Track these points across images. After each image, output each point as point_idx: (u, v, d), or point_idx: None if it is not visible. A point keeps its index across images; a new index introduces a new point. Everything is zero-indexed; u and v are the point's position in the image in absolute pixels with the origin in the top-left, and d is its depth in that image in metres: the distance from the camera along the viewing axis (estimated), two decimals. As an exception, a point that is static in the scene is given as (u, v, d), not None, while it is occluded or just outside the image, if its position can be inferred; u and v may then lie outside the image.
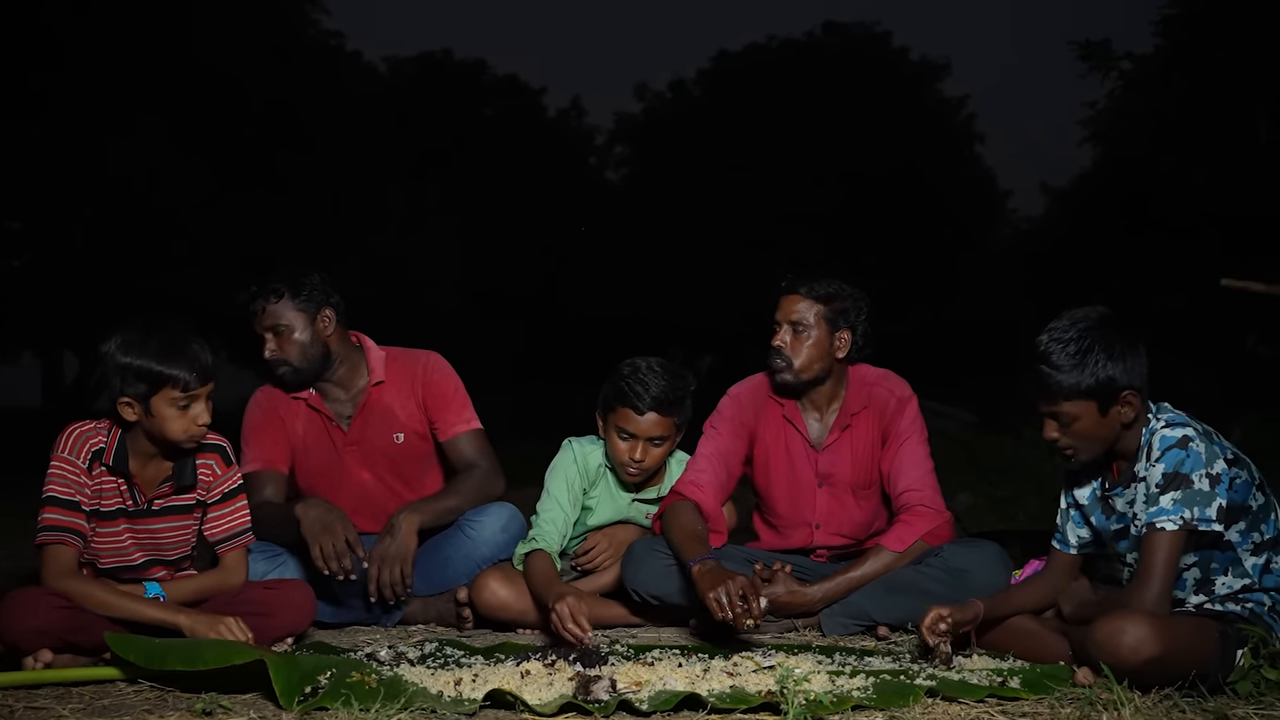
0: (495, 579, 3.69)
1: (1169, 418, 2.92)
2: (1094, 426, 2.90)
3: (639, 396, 3.66)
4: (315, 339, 3.84)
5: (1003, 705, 2.60)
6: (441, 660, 3.10)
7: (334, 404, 3.97)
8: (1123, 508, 3.01)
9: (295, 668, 2.61)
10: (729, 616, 3.10)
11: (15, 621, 2.89)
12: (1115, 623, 2.66)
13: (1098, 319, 2.91)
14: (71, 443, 3.13)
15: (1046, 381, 2.88)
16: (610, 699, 2.55)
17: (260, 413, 3.97)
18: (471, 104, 26.61)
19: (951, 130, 27.68)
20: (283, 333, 3.80)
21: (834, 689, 2.67)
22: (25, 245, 16.98)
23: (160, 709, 2.53)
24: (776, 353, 3.78)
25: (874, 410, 3.89)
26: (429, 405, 3.98)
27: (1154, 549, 2.78)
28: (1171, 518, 2.77)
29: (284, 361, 3.82)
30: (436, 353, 4.10)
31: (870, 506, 3.94)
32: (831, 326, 3.77)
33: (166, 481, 3.22)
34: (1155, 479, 2.83)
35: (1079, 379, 2.85)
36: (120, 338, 3.07)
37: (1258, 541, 2.88)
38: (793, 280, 3.80)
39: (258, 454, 3.89)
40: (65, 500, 3.08)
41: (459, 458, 3.98)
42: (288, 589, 3.32)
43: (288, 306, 3.81)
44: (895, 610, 3.58)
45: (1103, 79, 12.11)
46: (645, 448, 3.72)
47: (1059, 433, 2.93)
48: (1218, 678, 2.66)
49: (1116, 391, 2.86)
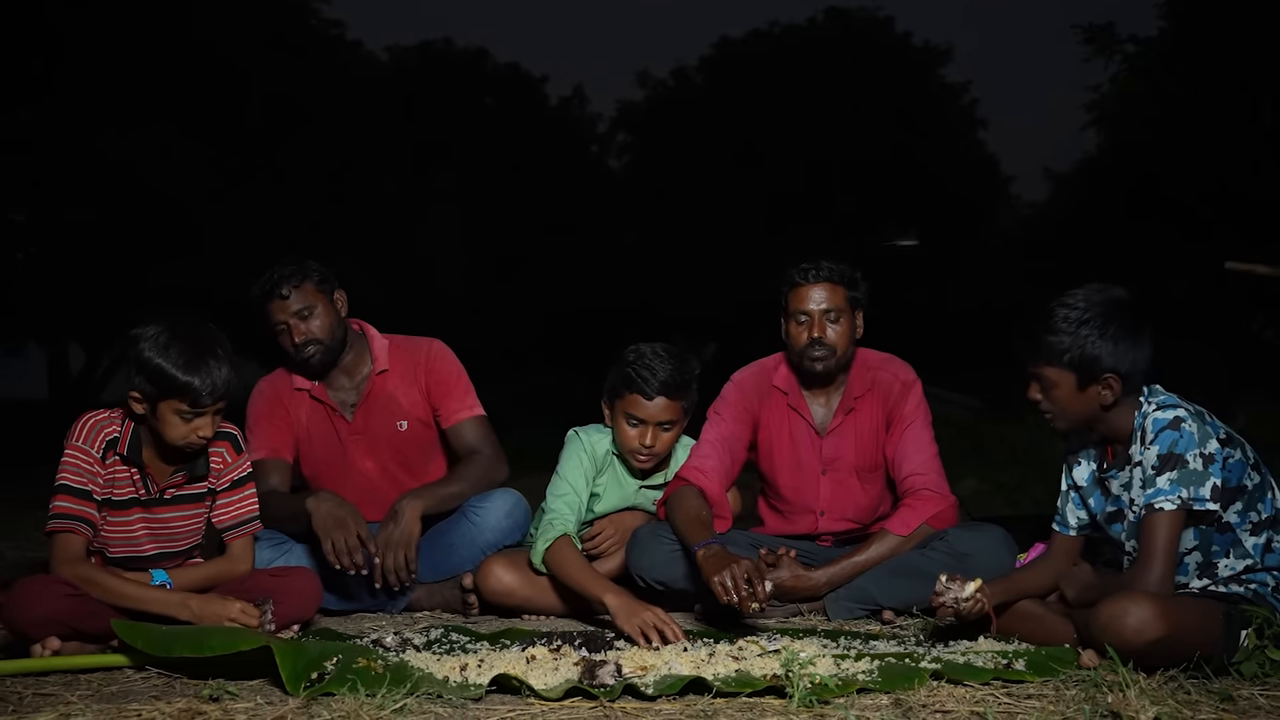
0: (500, 565, 3.70)
1: (1160, 400, 2.93)
2: (1070, 398, 2.93)
3: (646, 381, 3.66)
4: (338, 318, 3.87)
5: (1008, 688, 2.61)
6: (447, 646, 3.10)
7: (337, 393, 3.97)
8: (1117, 490, 3.02)
9: (301, 654, 2.62)
10: (734, 600, 3.11)
11: (23, 609, 2.90)
12: (1119, 604, 2.66)
13: (1107, 299, 2.93)
14: (86, 432, 3.14)
15: (1034, 341, 2.93)
16: (616, 683, 2.55)
17: (264, 402, 3.98)
18: (473, 92, 26.57)
19: (954, 116, 27.60)
20: (309, 315, 3.81)
21: (839, 672, 2.68)
22: (30, 237, 16.98)
23: (168, 695, 2.54)
24: (818, 344, 3.78)
25: (878, 394, 3.90)
26: (432, 392, 3.99)
27: (1154, 530, 2.79)
28: (1169, 497, 2.78)
29: (315, 341, 3.82)
30: (439, 340, 4.10)
31: (875, 490, 3.94)
32: (854, 307, 3.83)
33: (179, 471, 3.24)
34: (1150, 461, 2.84)
35: (1064, 349, 2.89)
36: (151, 331, 3.07)
37: (1256, 521, 2.88)
38: (812, 269, 3.80)
39: (263, 442, 3.89)
40: (77, 489, 3.10)
41: (462, 444, 3.98)
42: (294, 576, 3.33)
43: (310, 289, 3.83)
44: (900, 594, 3.59)
45: (1106, 63, 12.10)
46: (655, 433, 3.72)
47: (1039, 394, 2.97)
48: (1222, 659, 2.66)
49: (1099, 371, 2.89)
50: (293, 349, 3.84)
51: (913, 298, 24.25)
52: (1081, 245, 20.81)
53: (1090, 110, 14.86)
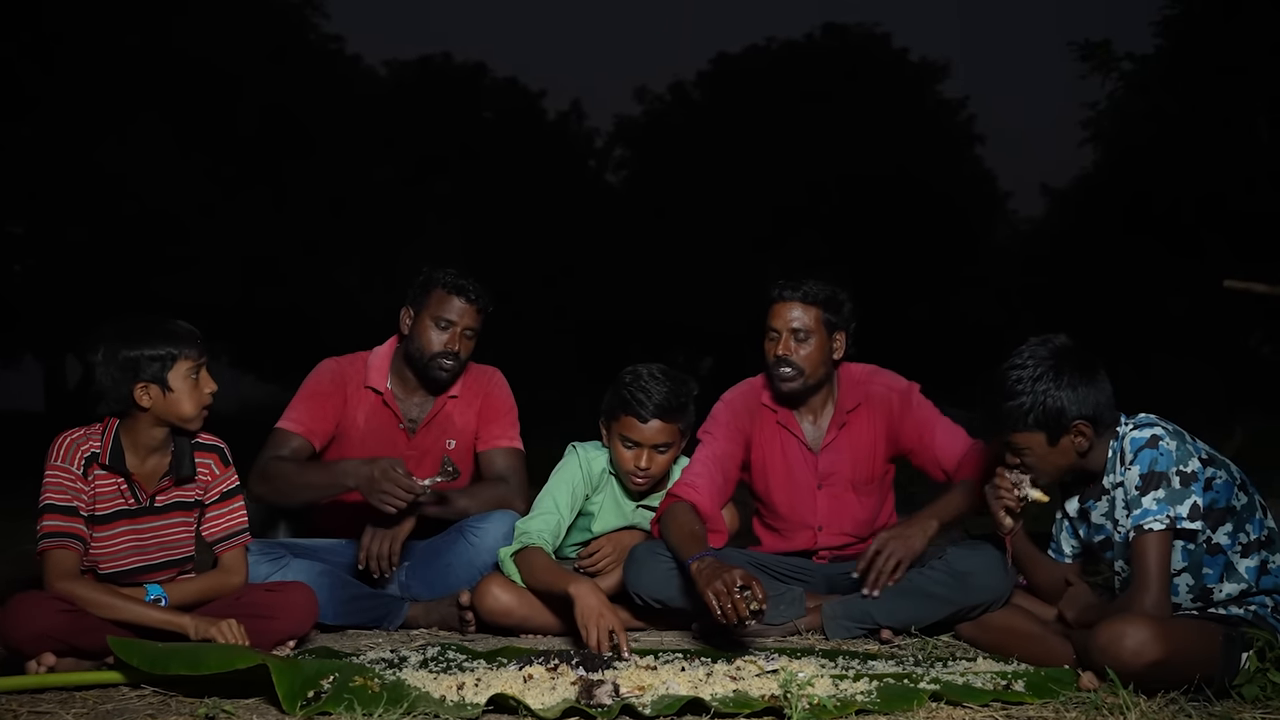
0: (498, 584, 3.68)
1: (1137, 419, 2.94)
2: (1045, 455, 2.96)
3: (642, 404, 3.65)
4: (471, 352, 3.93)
5: (1007, 709, 2.60)
6: (444, 664, 3.09)
7: (405, 405, 3.97)
8: (1098, 519, 3.04)
9: (298, 672, 2.61)
10: (729, 607, 3.08)
11: (18, 625, 2.90)
12: (1117, 626, 2.66)
13: (1053, 350, 2.96)
14: (64, 451, 3.15)
15: (997, 413, 2.97)
16: (613, 703, 2.54)
17: (329, 382, 3.95)
18: (471, 107, 26.60)
19: (952, 131, 27.66)
20: (470, 337, 3.88)
21: (837, 693, 2.67)
22: (27, 250, 16.98)
23: (163, 713, 2.53)
24: (783, 361, 3.78)
25: (874, 408, 3.90)
26: (482, 415, 4.02)
27: (1145, 552, 2.80)
28: (1157, 517, 2.79)
29: (456, 357, 3.86)
30: (499, 370, 4.14)
31: (871, 503, 3.94)
32: (829, 330, 3.79)
33: (165, 476, 3.24)
34: (1133, 481, 2.85)
35: (1027, 409, 2.91)
36: (110, 337, 3.13)
37: (1245, 542, 2.88)
38: (788, 287, 3.79)
39: (304, 418, 3.87)
40: (63, 506, 3.09)
41: (490, 469, 3.99)
42: (289, 591, 3.32)
43: (483, 317, 3.90)
44: (899, 613, 3.57)
45: (1103, 80, 12.13)
46: (650, 455, 3.70)
47: (1018, 460, 3.02)
48: (1223, 681, 2.65)
49: (1066, 422, 2.91)
50: (437, 351, 3.84)
51: (913, 313, 24.27)
52: (1079, 261, 20.86)
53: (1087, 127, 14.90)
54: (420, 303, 3.89)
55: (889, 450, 3.95)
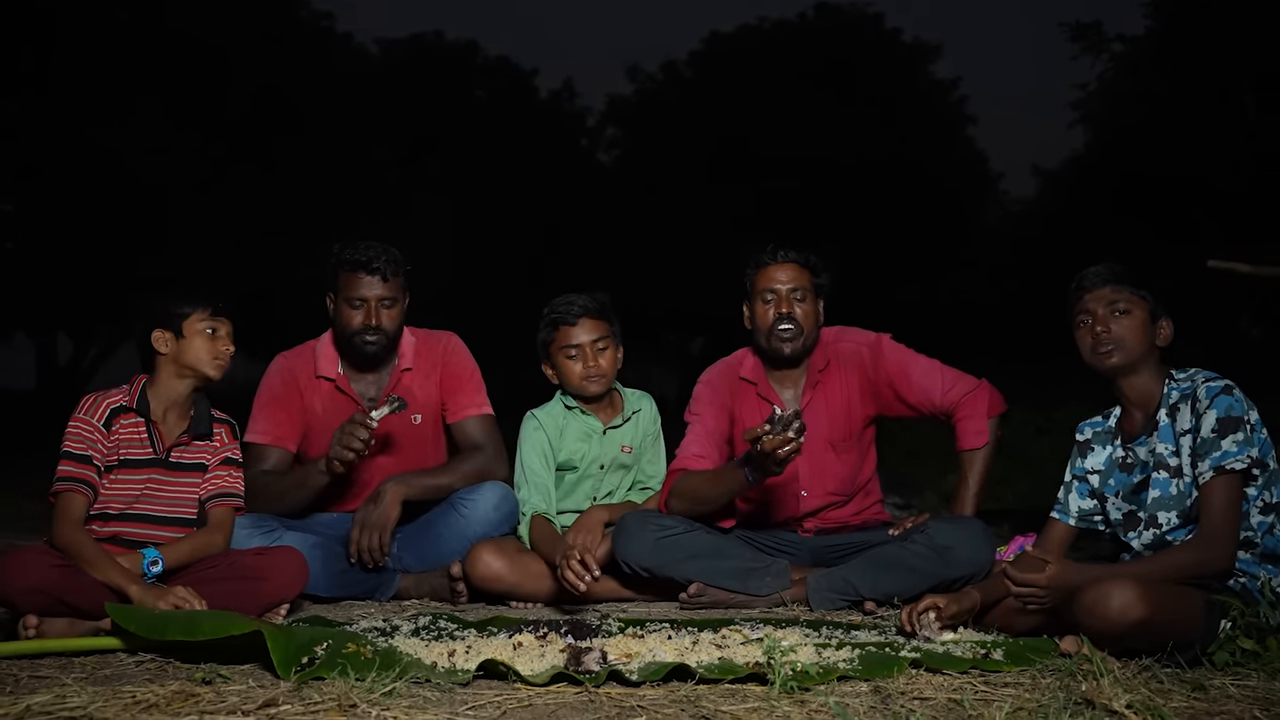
0: (489, 551, 3.75)
1: (1205, 374, 3.03)
2: (1139, 327, 3.05)
3: (568, 311, 3.88)
4: (402, 318, 3.94)
5: (985, 677, 2.65)
6: (435, 633, 3.14)
7: (360, 385, 3.99)
8: (1145, 456, 3.07)
9: (292, 639, 2.66)
10: (788, 435, 3.21)
11: (11, 580, 2.97)
12: (1102, 586, 2.71)
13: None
14: (89, 404, 3.33)
15: (1117, 268, 3.08)
16: (601, 670, 2.59)
17: (280, 383, 3.98)
18: (463, 85, 26.51)
19: (944, 112, 27.64)
20: (389, 306, 3.88)
21: (820, 660, 2.73)
22: (18, 227, 16.93)
23: (161, 678, 2.57)
24: (786, 318, 3.85)
25: (845, 364, 3.97)
26: (444, 386, 4.03)
27: (1219, 493, 2.87)
28: (1239, 458, 2.87)
29: (379, 330, 3.87)
30: (455, 334, 4.15)
31: (851, 459, 4.00)
32: (818, 294, 3.90)
33: (184, 433, 3.39)
34: (1210, 424, 2.92)
35: (1143, 281, 3.07)
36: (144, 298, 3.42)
37: (1268, 501, 2.95)
38: (780, 249, 3.88)
39: (268, 428, 3.91)
40: (79, 455, 3.25)
41: (465, 440, 4.01)
42: (278, 555, 3.36)
43: (399, 284, 3.90)
44: (882, 585, 3.64)
45: (1094, 61, 12.12)
46: (593, 352, 3.88)
47: (1111, 322, 3.05)
48: (1199, 648, 2.70)
49: (1162, 312, 3.07)
50: (356, 330, 3.86)
51: (905, 294, 24.29)
52: (1068, 242, 20.87)
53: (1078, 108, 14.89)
54: (333, 285, 3.91)
55: (868, 406, 4.00)
